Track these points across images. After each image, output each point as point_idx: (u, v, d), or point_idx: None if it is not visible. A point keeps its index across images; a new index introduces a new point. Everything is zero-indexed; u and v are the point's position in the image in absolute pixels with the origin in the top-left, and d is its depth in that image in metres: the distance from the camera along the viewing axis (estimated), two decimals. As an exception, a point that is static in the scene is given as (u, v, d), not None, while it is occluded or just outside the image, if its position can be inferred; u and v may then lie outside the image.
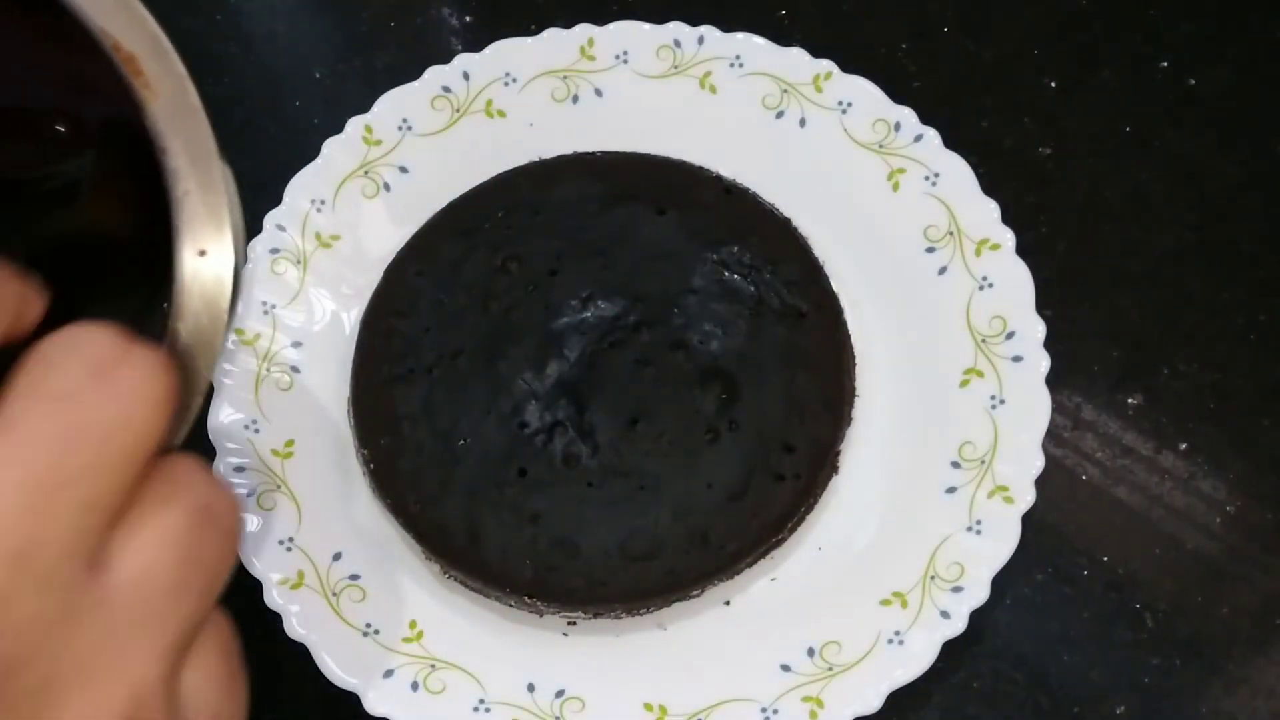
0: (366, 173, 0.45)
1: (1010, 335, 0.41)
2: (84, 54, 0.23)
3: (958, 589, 0.38)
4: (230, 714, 0.22)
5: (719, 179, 0.44)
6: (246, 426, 0.41)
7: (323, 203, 0.44)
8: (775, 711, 0.37)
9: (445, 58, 0.45)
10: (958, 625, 0.37)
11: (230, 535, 0.22)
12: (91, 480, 0.19)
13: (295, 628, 0.37)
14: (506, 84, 0.46)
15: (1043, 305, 0.41)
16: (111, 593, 0.20)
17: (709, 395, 0.40)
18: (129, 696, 0.20)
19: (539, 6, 0.50)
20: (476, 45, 0.46)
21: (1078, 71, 0.49)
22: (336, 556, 0.39)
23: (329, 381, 0.42)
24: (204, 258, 0.23)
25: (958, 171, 0.43)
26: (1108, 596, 0.40)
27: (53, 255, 0.29)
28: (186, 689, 0.21)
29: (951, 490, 0.39)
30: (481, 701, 0.37)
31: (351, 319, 0.43)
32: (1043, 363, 0.40)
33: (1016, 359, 0.40)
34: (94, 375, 0.20)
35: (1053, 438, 0.41)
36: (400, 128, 0.45)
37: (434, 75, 0.45)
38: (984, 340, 0.41)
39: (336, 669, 0.37)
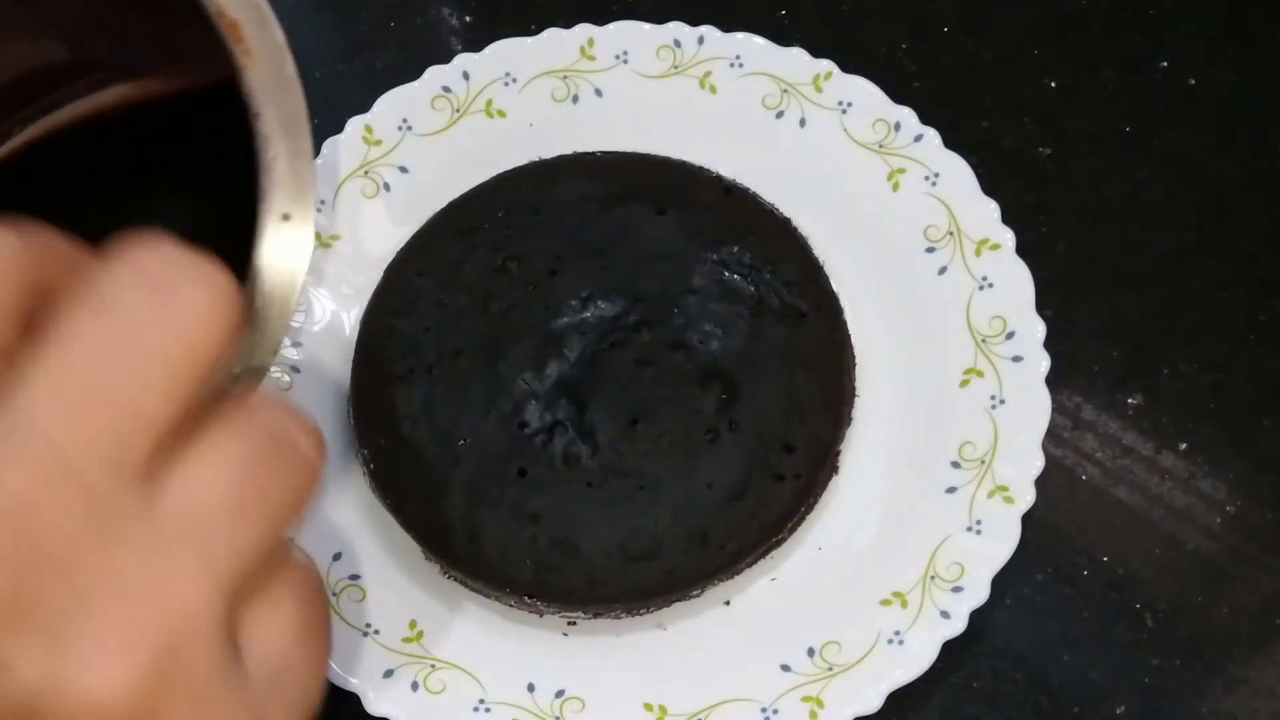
0: (366, 173, 0.45)
1: (1010, 335, 0.41)
2: (183, 18, 0.23)
3: (958, 589, 0.38)
4: (302, 662, 0.21)
5: (719, 179, 0.44)
6: (246, 426, 0.41)
7: (322, 203, 0.44)
8: (775, 711, 0.37)
9: (445, 58, 0.45)
10: (958, 625, 0.37)
11: (306, 468, 0.21)
12: (137, 390, 0.18)
13: (295, 628, 0.37)
14: (506, 84, 0.46)
15: (1043, 305, 0.41)
16: (159, 510, 0.19)
17: (709, 395, 0.40)
18: (171, 616, 0.18)
19: (539, 6, 0.50)
20: (476, 45, 0.46)
21: (1078, 71, 0.49)
22: (336, 556, 0.39)
23: (329, 381, 0.42)
24: (287, 222, 0.24)
25: (958, 171, 0.43)
26: (1108, 596, 0.40)
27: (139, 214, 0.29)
28: (252, 628, 0.20)
29: (951, 490, 0.39)
30: (481, 701, 0.37)
31: (351, 319, 0.43)
32: (1043, 363, 0.40)
33: (1016, 359, 0.40)
34: (149, 287, 0.19)
35: (1053, 438, 0.41)
36: (400, 128, 0.45)
37: (434, 75, 0.45)
38: (984, 340, 0.41)
39: (336, 669, 0.37)
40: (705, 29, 0.46)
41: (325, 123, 0.46)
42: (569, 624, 0.39)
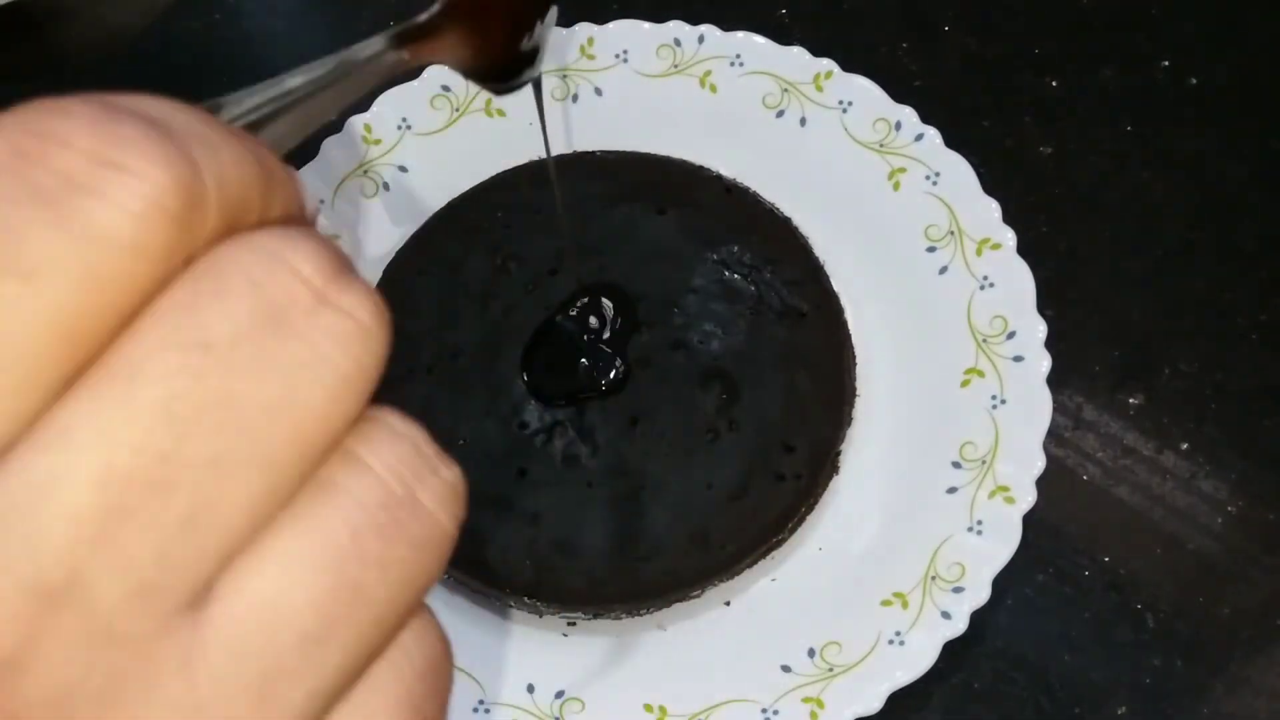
0: (366, 172, 0.45)
1: (1011, 335, 0.40)
2: None
3: (958, 589, 0.37)
4: None
5: (719, 178, 0.44)
6: (246, 426, 0.40)
7: (322, 202, 0.44)
8: (776, 712, 0.37)
9: (445, 57, 0.45)
10: (959, 626, 0.37)
11: (429, 542, 0.14)
12: (206, 487, 0.13)
13: (294, 628, 0.37)
14: (506, 83, 0.45)
15: (1044, 305, 0.40)
16: (203, 648, 0.13)
17: (709, 395, 0.40)
18: None
19: (539, 5, 0.50)
20: (476, 44, 0.46)
21: (1079, 70, 0.48)
22: (336, 557, 0.39)
23: (328, 381, 0.42)
24: None
25: (958, 171, 0.43)
26: (1109, 597, 0.40)
27: None
28: None
29: (952, 490, 0.39)
30: (481, 702, 0.37)
31: (351, 319, 0.43)
32: (1044, 362, 0.40)
33: (1017, 359, 0.40)
34: (266, 322, 0.13)
35: (1054, 438, 0.41)
36: (400, 127, 0.45)
37: (433, 74, 0.45)
38: (985, 340, 0.41)
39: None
40: (705, 28, 0.45)
41: (325, 122, 0.46)
42: (569, 624, 0.39)
